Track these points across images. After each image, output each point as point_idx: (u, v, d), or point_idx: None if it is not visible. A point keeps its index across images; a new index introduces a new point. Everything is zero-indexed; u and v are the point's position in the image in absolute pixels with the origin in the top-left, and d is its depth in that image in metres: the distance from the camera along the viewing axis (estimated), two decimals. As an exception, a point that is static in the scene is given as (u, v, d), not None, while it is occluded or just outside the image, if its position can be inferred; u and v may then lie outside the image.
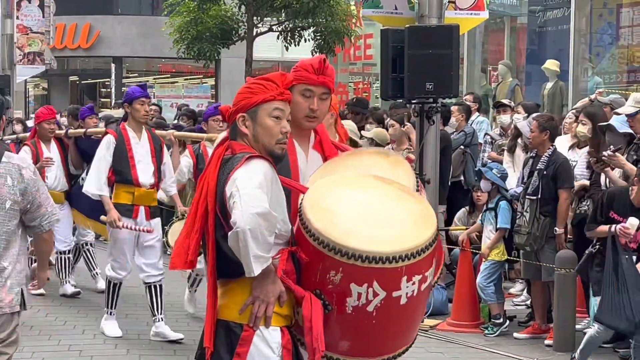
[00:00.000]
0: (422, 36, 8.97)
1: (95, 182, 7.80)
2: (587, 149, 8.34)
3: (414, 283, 3.71)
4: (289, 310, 3.76)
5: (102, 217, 7.92)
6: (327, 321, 3.71)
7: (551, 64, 13.46)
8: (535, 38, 16.13)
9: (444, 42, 8.91)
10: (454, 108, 10.83)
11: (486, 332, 8.37)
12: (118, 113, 15.56)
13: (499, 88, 14.51)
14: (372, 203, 3.88)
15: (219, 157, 3.79)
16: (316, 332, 3.62)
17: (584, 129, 8.13)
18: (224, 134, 4.00)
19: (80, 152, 9.45)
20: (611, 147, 7.50)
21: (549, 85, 13.49)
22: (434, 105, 9.17)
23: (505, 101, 11.09)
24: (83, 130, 9.77)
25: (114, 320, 8.11)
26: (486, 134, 10.93)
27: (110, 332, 8.04)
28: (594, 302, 6.97)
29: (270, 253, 3.60)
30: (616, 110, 8.24)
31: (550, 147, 8.00)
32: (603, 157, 7.11)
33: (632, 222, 6.59)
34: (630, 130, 7.70)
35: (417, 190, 4.30)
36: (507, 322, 8.46)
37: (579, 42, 13.82)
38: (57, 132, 9.54)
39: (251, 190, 3.54)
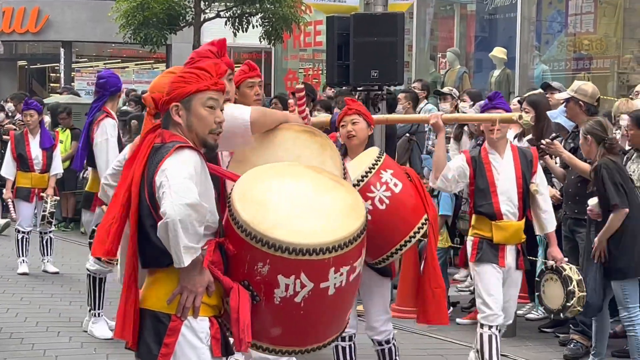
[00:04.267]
0: (367, 24, 9.00)
1: None
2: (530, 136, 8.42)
3: (341, 274, 3.73)
4: (217, 300, 3.76)
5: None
6: (256, 311, 3.73)
7: (498, 52, 13.56)
8: (485, 25, 16.21)
9: (389, 29, 8.94)
10: (400, 95, 10.86)
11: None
12: (65, 99, 15.47)
13: (447, 75, 14.60)
14: (301, 193, 3.89)
15: (149, 144, 3.78)
16: (243, 324, 3.64)
17: (527, 116, 8.19)
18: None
19: None
20: (552, 134, 7.59)
21: (497, 72, 13.59)
22: (380, 92, 9.21)
23: (446, 90, 11.12)
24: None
25: (103, 320, 7.65)
26: (432, 121, 10.98)
27: (101, 334, 7.57)
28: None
29: (201, 244, 3.60)
30: (549, 96, 8.35)
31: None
32: (541, 145, 7.19)
33: (592, 202, 6.82)
34: (560, 122, 7.83)
35: (344, 176, 4.34)
36: (451, 308, 8.54)
37: (528, 30, 13.90)
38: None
39: (181, 180, 3.53)
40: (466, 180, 6.35)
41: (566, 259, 6.51)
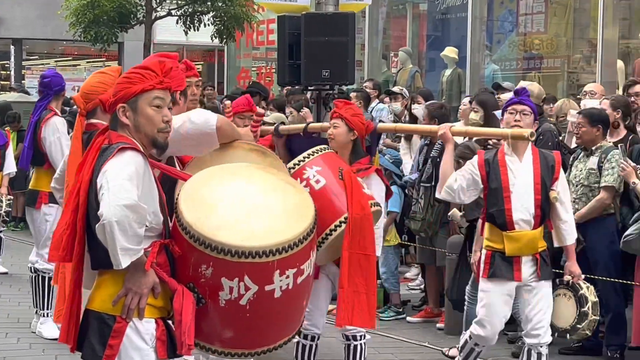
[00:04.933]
0: (318, 23, 9.02)
1: None
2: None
3: (288, 277, 3.72)
4: (164, 301, 3.74)
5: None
6: (205, 314, 3.72)
7: (450, 51, 13.65)
8: (437, 25, 16.29)
9: (340, 29, 8.97)
10: (352, 95, 10.86)
11: (381, 316, 8.48)
12: (13, 97, 15.28)
13: (399, 74, 14.65)
14: (250, 194, 3.87)
15: (98, 147, 3.75)
16: (185, 326, 3.63)
17: (476, 116, 8.24)
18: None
19: None
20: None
21: (448, 72, 13.67)
22: (331, 92, 9.24)
23: (396, 89, 11.17)
24: None
25: (52, 320, 7.47)
26: (380, 120, 11.01)
27: (49, 334, 7.44)
28: None
29: (142, 245, 3.58)
30: (498, 96, 8.42)
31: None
32: (488, 145, 7.24)
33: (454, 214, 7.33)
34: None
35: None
36: (402, 306, 8.60)
37: (479, 30, 14.01)
38: None
39: (120, 182, 3.51)
40: (479, 187, 5.89)
41: (584, 276, 6.06)
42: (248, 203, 3.82)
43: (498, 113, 7.87)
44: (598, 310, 5.97)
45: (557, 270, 6.29)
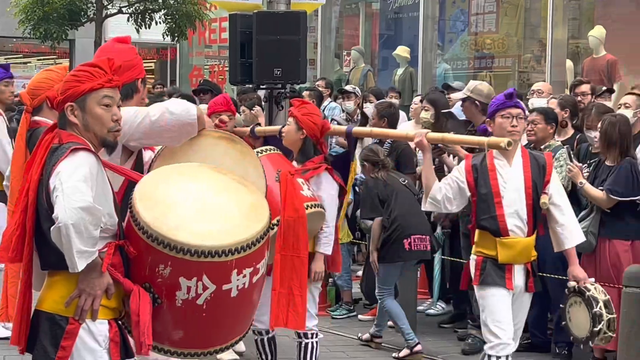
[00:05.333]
0: (270, 22, 9.03)
1: None
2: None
3: (244, 276, 3.72)
4: (117, 302, 3.72)
5: None
6: (157, 314, 3.69)
7: (401, 50, 13.71)
8: (390, 24, 16.37)
9: (292, 28, 8.98)
10: (305, 94, 10.88)
11: (333, 314, 8.50)
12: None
13: (352, 73, 14.69)
14: (205, 194, 3.86)
15: (47, 146, 3.69)
16: (143, 326, 3.60)
17: (426, 114, 8.29)
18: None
19: None
20: (451, 133, 7.69)
21: (400, 71, 13.74)
22: (283, 90, 9.24)
23: (349, 88, 11.20)
24: None
25: None
26: (332, 119, 11.03)
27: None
28: None
29: (97, 247, 3.54)
30: (449, 96, 8.48)
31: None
32: (439, 145, 7.28)
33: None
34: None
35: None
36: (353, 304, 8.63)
37: (431, 29, 14.09)
38: None
39: (74, 183, 3.46)
40: (465, 195, 5.64)
41: (592, 280, 5.72)
42: (205, 203, 3.81)
43: (458, 111, 7.94)
44: (612, 308, 5.54)
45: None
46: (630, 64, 11.92)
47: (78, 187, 3.46)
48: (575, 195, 7.12)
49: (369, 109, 9.52)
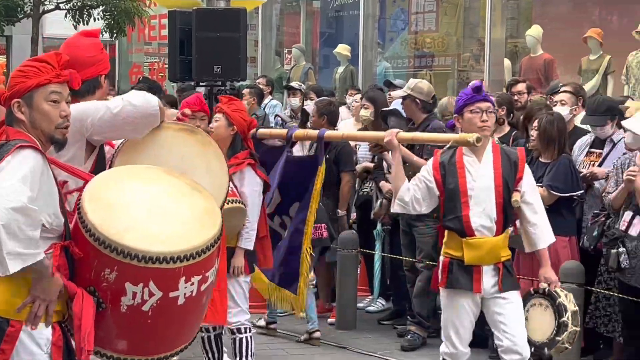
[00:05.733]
0: (209, 19, 9.00)
1: None
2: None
3: (192, 284, 3.63)
4: (61, 305, 3.62)
5: None
6: (102, 319, 3.60)
7: (342, 49, 13.74)
8: (331, 22, 16.40)
9: (231, 25, 8.96)
10: (245, 91, 10.87)
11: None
12: None
13: (292, 71, 14.69)
14: (156, 198, 3.76)
15: None
16: (84, 331, 3.51)
17: (366, 112, 8.32)
18: None
19: None
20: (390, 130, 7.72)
21: (341, 69, 13.77)
22: (223, 88, 9.20)
23: (295, 84, 11.23)
24: None
25: None
26: (276, 115, 11.06)
27: None
28: None
29: (39, 249, 3.43)
30: (390, 93, 8.52)
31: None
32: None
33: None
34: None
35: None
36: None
37: (372, 28, 14.14)
38: None
39: (11, 183, 3.36)
40: (435, 195, 5.39)
41: (560, 283, 5.54)
42: (156, 207, 3.70)
43: (396, 103, 7.96)
44: (579, 320, 5.41)
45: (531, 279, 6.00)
46: (567, 62, 12.10)
47: (15, 187, 3.36)
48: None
49: (310, 106, 9.52)
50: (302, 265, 5.78)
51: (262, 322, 7.82)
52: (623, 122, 6.55)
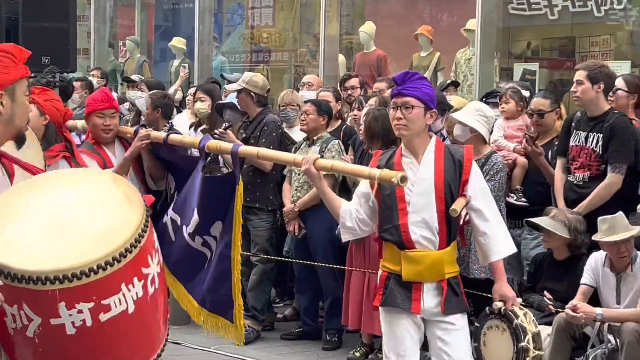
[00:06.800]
0: (37, 8, 8.79)
1: None
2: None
3: (81, 312, 3.12)
4: None
5: None
6: (9, 343, 3.24)
7: (177, 42, 13.63)
8: (168, 15, 16.22)
9: (60, 15, 8.77)
10: (77, 84, 10.61)
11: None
12: None
13: (127, 64, 14.47)
14: (67, 207, 3.30)
15: None
16: None
17: (203, 105, 8.26)
18: None
19: None
20: (224, 124, 7.70)
21: (176, 62, 13.64)
22: (52, 79, 8.91)
23: (134, 77, 11.06)
24: None
25: None
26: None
27: None
28: None
29: None
30: (225, 87, 8.50)
31: (167, 124, 8.07)
32: (215, 135, 7.27)
33: None
34: None
35: None
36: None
37: (209, 21, 14.05)
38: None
39: None
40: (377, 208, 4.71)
41: (519, 300, 4.85)
42: (58, 218, 3.25)
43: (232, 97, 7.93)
44: (541, 342, 4.73)
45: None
46: (399, 59, 12.37)
47: None
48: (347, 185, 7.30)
49: (143, 99, 9.37)
50: (234, 292, 5.22)
51: None
52: (451, 115, 6.73)
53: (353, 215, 4.71)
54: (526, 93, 7.49)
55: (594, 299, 5.97)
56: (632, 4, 10.02)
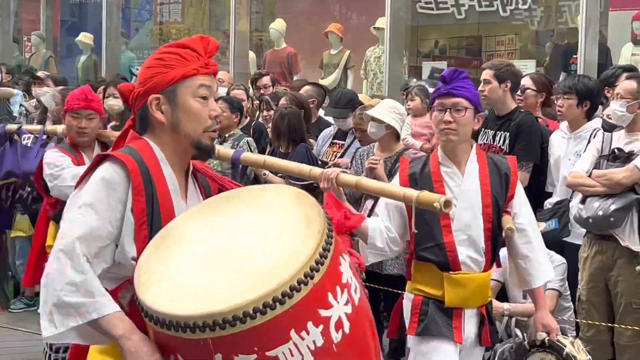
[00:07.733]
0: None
1: None
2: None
3: None
4: None
5: None
6: None
7: (84, 37, 13.46)
8: (74, 10, 16.01)
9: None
10: (-20, 80, 10.39)
11: (12, 308, 8.27)
12: None
13: (32, 59, 14.23)
14: (232, 233, 2.68)
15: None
16: None
17: (117, 102, 8.16)
18: None
19: None
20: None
21: (83, 58, 13.48)
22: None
23: (41, 74, 10.85)
24: None
25: None
26: (21, 105, 10.65)
27: None
28: None
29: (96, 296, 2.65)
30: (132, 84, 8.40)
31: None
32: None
33: None
34: None
35: None
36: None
37: (117, 17, 13.89)
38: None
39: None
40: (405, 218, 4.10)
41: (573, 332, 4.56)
42: (225, 247, 2.64)
43: None
44: None
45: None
46: (310, 56, 12.43)
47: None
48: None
49: (49, 95, 9.20)
50: None
51: None
52: (366, 112, 6.79)
53: (384, 234, 4.16)
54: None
55: (502, 295, 6.10)
56: (537, 4, 10.28)
